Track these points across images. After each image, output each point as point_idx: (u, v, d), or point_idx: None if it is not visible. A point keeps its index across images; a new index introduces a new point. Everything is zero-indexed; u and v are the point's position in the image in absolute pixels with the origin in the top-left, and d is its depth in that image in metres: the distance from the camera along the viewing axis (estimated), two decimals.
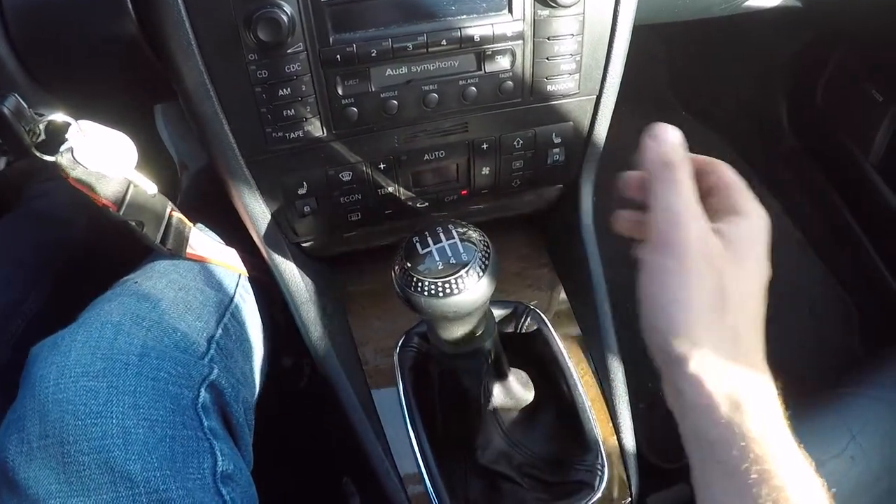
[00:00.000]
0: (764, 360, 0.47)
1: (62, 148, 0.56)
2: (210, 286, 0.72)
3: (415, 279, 0.53)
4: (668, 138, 0.51)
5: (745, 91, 1.59)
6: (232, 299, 0.73)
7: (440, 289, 0.52)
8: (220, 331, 0.69)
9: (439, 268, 0.53)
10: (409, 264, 0.54)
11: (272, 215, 0.70)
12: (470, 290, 0.53)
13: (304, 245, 0.76)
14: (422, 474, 0.70)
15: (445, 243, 0.54)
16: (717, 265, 0.45)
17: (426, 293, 0.53)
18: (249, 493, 0.63)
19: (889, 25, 1.16)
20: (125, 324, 0.60)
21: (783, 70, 1.47)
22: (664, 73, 1.77)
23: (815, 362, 1.35)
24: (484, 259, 0.54)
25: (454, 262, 0.53)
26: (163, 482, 0.54)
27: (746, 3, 0.88)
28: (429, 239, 0.55)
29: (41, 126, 0.54)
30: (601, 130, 0.74)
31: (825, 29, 1.34)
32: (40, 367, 0.56)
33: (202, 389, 0.62)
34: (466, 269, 0.53)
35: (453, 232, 0.55)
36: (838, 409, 0.85)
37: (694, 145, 0.52)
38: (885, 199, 1.27)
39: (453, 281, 0.52)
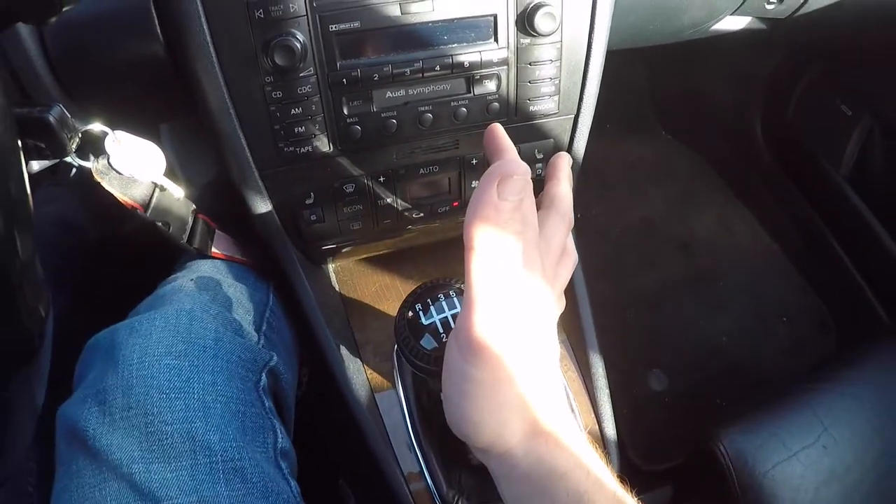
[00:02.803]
0: (559, 406, 0.45)
1: (99, 155, 0.61)
2: (248, 285, 0.77)
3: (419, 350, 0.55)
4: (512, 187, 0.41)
5: (722, 110, 1.64)
6: (269, 298, 0.79)
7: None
8: (265, 324, 0.74)
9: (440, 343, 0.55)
10: (409, 333, 0.56)
11: (282, 223, 0.74)
12: None
13: (309, 251, 0.80)
14: (423, 471, 0.74)
15: (448, 314, 0.56)
16: (523, 358, 0.43)
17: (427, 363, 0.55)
18: (295, 469, 0.68)
19: (853, 44, 1.22)
20: (197, 311, 0.65)
21: (758, 88, 1.52)
22: (646, 94, 1.82)
23: (794, 367, 1.39)
24: None
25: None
26: (237, 452, 0.58)
27: (713, 28, 0.93)
28: (431, 307, 0.57)
29: (80, 134, 0.59)
30: (580, 147, 0.78)
31: (795, 49, 1.40)
32: (122, 348, 0.60)
33: (263, 374, 0.67)
34: None
35: (455, 301, 0.57)
36: (811, 403, 0.88)
37: (674, 163, 0.56)
38: (855, 209, 1.33)
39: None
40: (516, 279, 0.43)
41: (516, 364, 0.42)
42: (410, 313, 0.58)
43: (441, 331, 0.56)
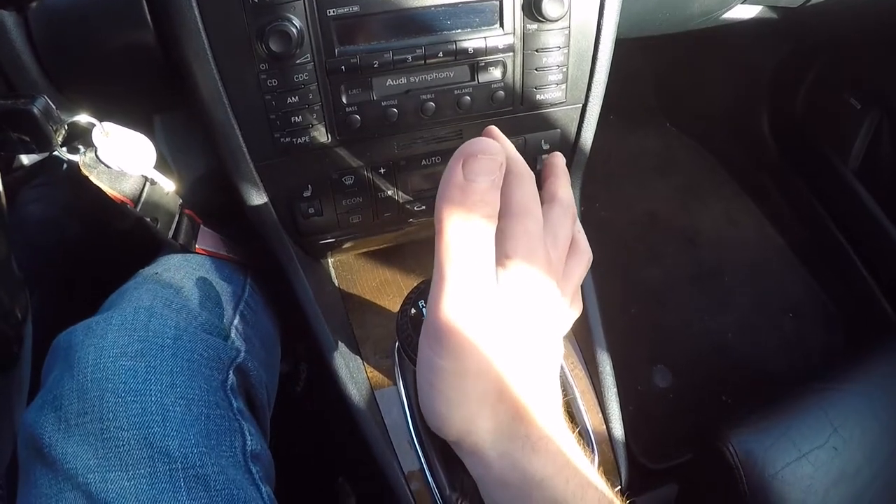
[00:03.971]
0: (547, 411, 0.43)
1: (86, 148, 0.59)
2: (223, 279, 0.75)
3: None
4: (480, 182, 0.39)
5: (728, 102, 1.63)
6: (244, 290, 0.76)
7: None
8: (237, 318, 0.72)
9: None
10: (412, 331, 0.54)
11: (278, 216, 0.72)
12: None
13: (307, 246, 0.78)
14: (423, 469, 0.72)
15: None
16: (499, 352, 0.40)
17: None
18: (271, 473, 0.66)
19: (864, 36, 1.20)
20: (157, 307, 0.63)
21: (765, 81, 1.51)
22: (650, 86, 1.81)
23: (801, 362, 1.39)
24: None
25: None
26: (199, 458, 0.56)
27: (723, 17, 0.91)
28: None
29: (66, 126, 0.57)
30: (587, 137, 0.76)
31: (804, 40, 1.39)
32: (77, 350, 0.58)
33: (230, 372, 0.64)
34: None
35: None
36: (820, 403, 0.87)
37: (679, 156, 0.54)
38: (863, 203, 1.32)
39: None
40: (486, 265, 0.41)
41: (488, 357, 0.40)
42: (413, 310, 0.56)
43: None
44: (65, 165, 0.63)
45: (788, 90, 1.46)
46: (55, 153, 0.58)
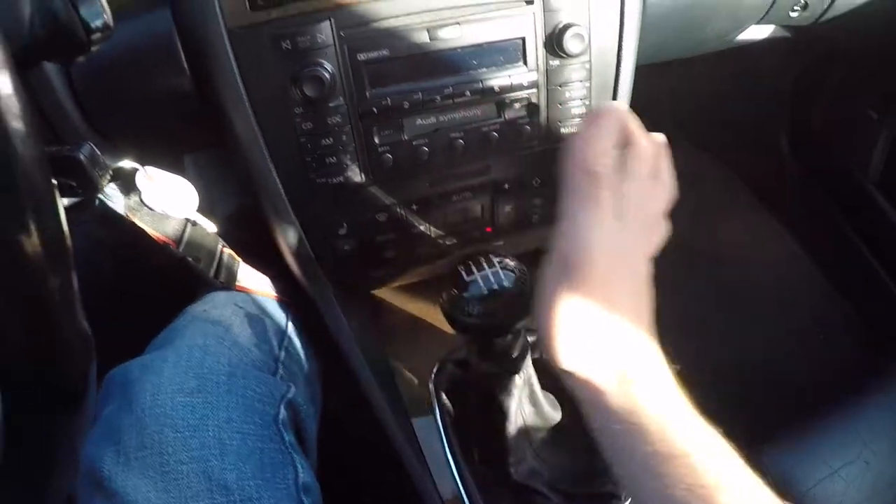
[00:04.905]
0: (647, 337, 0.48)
1: (130, 191, 0.61)
2: (267, 315, 0.76)
3: (465, 302, 0.59)
4: (600, 140, 0.48)
5: (746, 118, 1.62)
6: (288, 326, 0.78)
7: (486, 311, 0.58)
8: (283, 353, 0.73)
9: (483, 293, 0.58)
10: (455, 291, 0.60)
11: (315, 254, 0.73)
12: (510, 313, 0.59)
13: (343, 281, 0.79)
14: (461, 496, 0.72)
15: (488, 271, 0.60)
16: (614, 288, 0.46)
17: (473, 315, 0.58)
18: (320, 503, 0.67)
19: (880, 46, 1.20)
20: (210, 345, 0.64)
21: (782, 96, 1.49)
22: (667, 104, 1.81)
23: (829, 377, 1.36)
24: (521, 284, 0.59)
25: (496, 287, 0.59)
26: (255, 490, 0.57)
27: (738, 38, 0.92)
28: (473, 268, 0.60)
29: (110, 171, 0.58)
30: None
31: (819, 53, 1.38)
32: (134, 386, 0.59)
33: (282, 407, 0.65)
34: (508, 293, 0.59)
35: (494, 261, 0.61)
36: (850, 418, 0.86)
37: (698, 174, 0.55)
38: (886, 214, 1.30)
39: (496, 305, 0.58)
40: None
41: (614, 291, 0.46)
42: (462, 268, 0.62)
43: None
44: (97, 202, 0.65)
45: (805, 103, 1.45)
46: (100, 196, 0.60)
